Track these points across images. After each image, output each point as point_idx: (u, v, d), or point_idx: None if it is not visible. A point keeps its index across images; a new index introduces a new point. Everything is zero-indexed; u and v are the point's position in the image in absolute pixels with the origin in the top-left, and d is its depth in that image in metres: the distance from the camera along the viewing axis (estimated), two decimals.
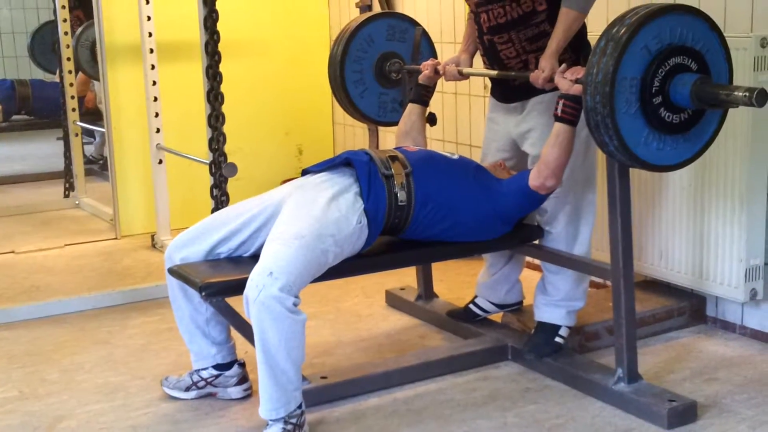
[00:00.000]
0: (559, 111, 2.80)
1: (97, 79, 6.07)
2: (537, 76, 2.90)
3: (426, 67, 3.34)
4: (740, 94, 2.48)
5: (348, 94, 3.57)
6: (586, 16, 2.92)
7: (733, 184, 3.18)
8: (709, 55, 2.60)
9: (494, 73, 3.11)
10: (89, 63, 6.08)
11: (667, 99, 2.56)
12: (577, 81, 2.73)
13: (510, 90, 3.11)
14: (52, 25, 7.27)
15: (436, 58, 3.55)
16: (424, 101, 3.37)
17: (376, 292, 3.96)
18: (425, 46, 3.64)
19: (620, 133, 2.53)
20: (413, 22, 3.67)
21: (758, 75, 3.07)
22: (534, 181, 2.88)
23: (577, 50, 2.99)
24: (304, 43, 5.37)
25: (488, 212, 2.94)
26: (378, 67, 3.60)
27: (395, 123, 3.59)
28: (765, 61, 3.08)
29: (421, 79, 3.35)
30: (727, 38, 3.11)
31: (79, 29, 6.15)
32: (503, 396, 2.95)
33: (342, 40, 3.55)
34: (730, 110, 3.13)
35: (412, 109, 3.35)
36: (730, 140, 3.15)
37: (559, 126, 2.82)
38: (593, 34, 2.94)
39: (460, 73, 3.27)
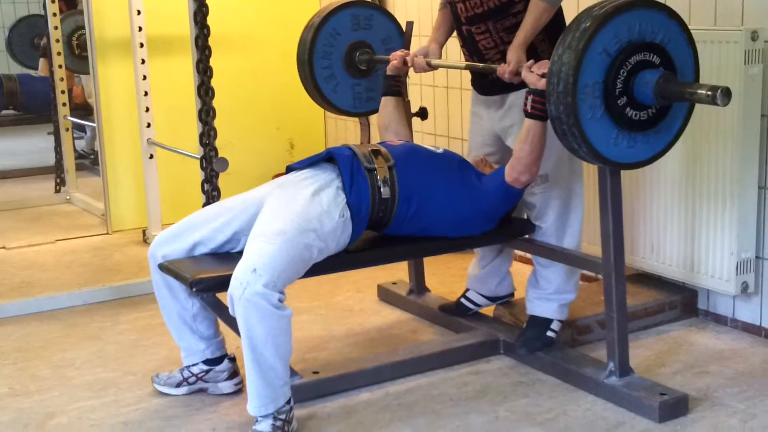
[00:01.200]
0: (528, 107, 2.78)
1: (77, 72, 6.03)
2: (504, 70, 2.89)
3: (394, 58, 3.31)
4: (704, 92, 2.46)
5: (321, 91, 3.53)
6: (555, 9, 2.90)
7: (724, 178, 3.18)
8: (671, 45, 2.58)
9: (462, 65, 3.10)
10: (68, 56, 5.98)
11: (632, 98, 2.54)
12: (544, 75, 2.69)
13: (489, 82, 3.10)
14: (28, 20, 7.21)
15: (408, 49, 3.52)
16: (395, 92, 3.34)
17: (368, 287, 3.96)
18: (398, 38, 3.60)
19: (588, 140, 2.52)
20: (377, 8, 3.64)
21: (749, 68, 3.07)
22: (509, 176, 2.88)
23: (554, 40, 2.97)
24: (294, 36, 5.27)
25: (471, 208, 2.94)
26: (347, 59, 3.55)
27: (372, 112, 3.58)
28: (755, 54, 3.07)
29: (389, 70, 3.33)
30: (717, 31, 3.14)
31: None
32: (495, 390, 2.95)
33: (307, 39, 3.49)
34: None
35: (386, 102, 3.34)
36: (720, 134, 3.16)
37: (529, 122, 2.80)
38: None
39: (429, 64, 3.24)
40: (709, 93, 2.44)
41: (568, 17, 2.86)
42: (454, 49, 3.56)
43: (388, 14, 3.65)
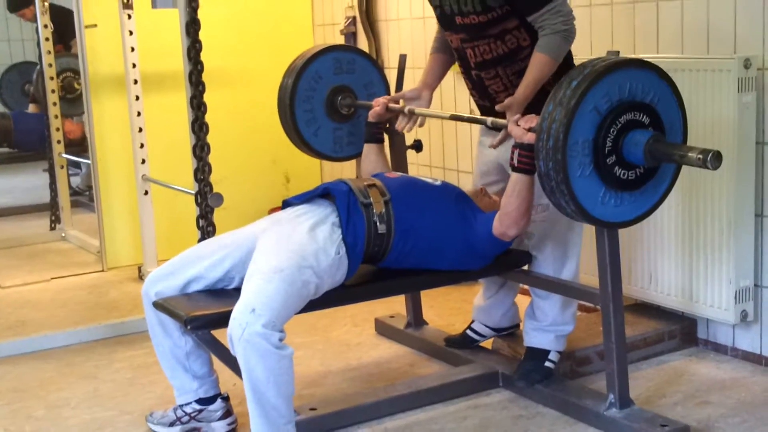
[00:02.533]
0: (514, 161, 2.75)
1: (63, 114, 6.01)
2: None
3: (377, 104, 3.29)
4: (694, 155, 2.45)
5: (301, 135, 3.49)
6: (558, 63, 2.86)
7: (720, 206, 3.18)
8: (661, 105, 2.58)
9: (447, 115, 3.09)
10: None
11: (621, 158, 2.54)
12: (530, 129, 2.65)
13: (495, 114, 3.09)
14: (19, 67, 7.26)
15: (389, 94, 3.52)
16: (377, 139, 3.33)
17: (365, 321, 3.93)
18: (380, 82, 3.59)
19: (576, 198, 2.51)
20: (359, 52, 3.64)
21: (742, 96, 3.08)
22: (496, 230, 2.85)
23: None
24: None
25: (465, 246, 2.92)
26: (329, 103, 3.51)
27: (353, 157, 3.56)
28: (748, 82, 3.08)
29: (371, 116, 3.30)
30: (710, 60, 3.15)
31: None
32: (495, 424, 2.92)
33: (288, 82, 3.46)
34: (716, 129, 3.14)
35: (368, 150, 3.31)
36: None
37: (516, 176, 2.77)
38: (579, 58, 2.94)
39: (412, 112, 3.21)
40: (700, 156, 2.43)
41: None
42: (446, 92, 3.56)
43: (371, 59, 3.64)
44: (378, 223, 2.80)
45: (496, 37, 2.92)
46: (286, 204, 2.95)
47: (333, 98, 3.52)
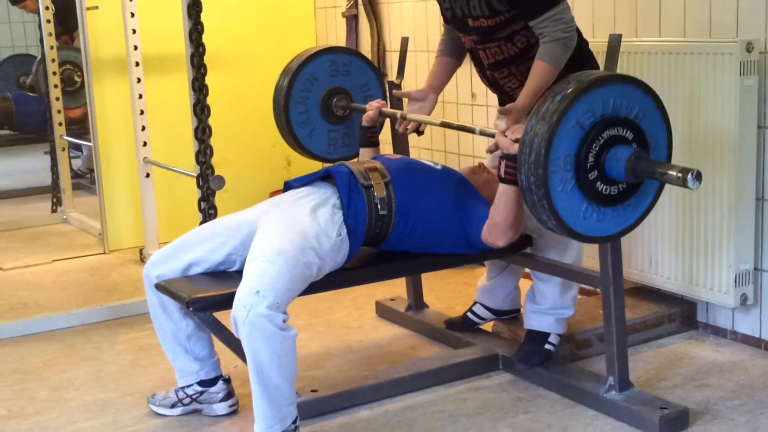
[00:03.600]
0: (502, 172, 2.74)
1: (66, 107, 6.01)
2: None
3: (370, 108, 3.29)
4: (674, 173, 2.42)
5: (296, 136, 3.50)
6: (558, 70, 2.84)
7: (721, 190, 3.18)
8: (645, 120, 2.55)
9: (438, 122, 3.09)
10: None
11: (603, 173, 2.51)
12: (516, 141, 2.63)
13: (510, 98, 3.09)
14: (13, 59, 7.25)
15: (385, 95, 3.52)
16: (372, 143, 3.34)
17: (366, 303, 3.94)
18: (376, 84, 3.59)
19: (558, 213, 2.48)
20: (355, 54, 3.64)
21: (744, 80, 3.08)
22: (485, 240, 2.85)
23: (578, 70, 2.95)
24: (290, 53, 5.29)
25: (462, 233, 2.91)
26: (324, 105, 3.51)
27: (348, 158, 3.54)
28: (750, 65, 3.08)
29: (365, 121, 3.30)
30: (712, 43, 3.15)
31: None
32: (495, 406, 2.94)
33: (284, 84, 3.46)
34: (718, 112, 3.15)
35: (364, 154, 3.33)
36: (717, 146, 3.15)
37: (503, 187, 2.76)
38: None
39: (403, 117, 3.21)
40: (680, 175, 2.41)
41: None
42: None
43: (367, 61, 3.64)
44: (379, 204, 2.81)
45: (505, 39, 2.93)
46: (288, 186, 2.95)
47: (328, 100, 3.52)
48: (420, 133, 3.49)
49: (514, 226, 2.80)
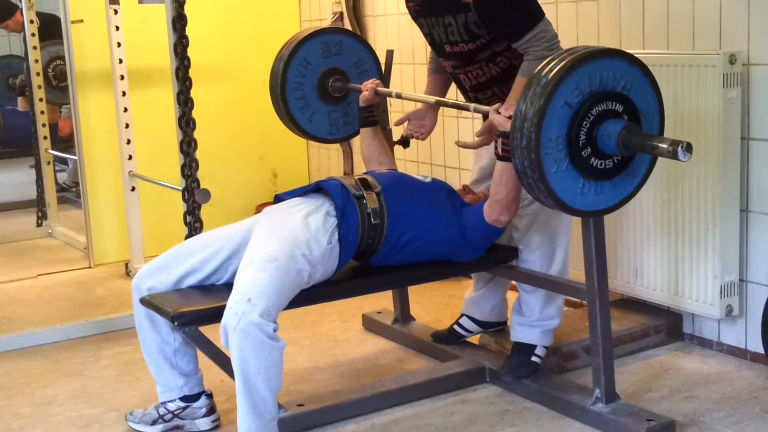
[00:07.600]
0: (498, 149, 2.76)
1: (56, 103, 6.00)
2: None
3: (365, 88, 3.30)
4: (665, 146, 2.45)
5: (297, 122, 3.50)
6: None
7: (706, 201, 3.19)
8: (634, 91, 2.57)
9: (433, 100, 3.09)
10: (46, 87, 5.81)
11: (596, 149, 2.53)
12: (511, 117, 2.64)
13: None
14: (0, 61, 7.20)
15: (379, 79, 3.52)
16: (371, 123, 3.34)
17: (353, 316, 3.93)
18: (370, 59, 3.58)
19: (555, 193, 2.51)
20: (345, 32, 3.63)
21: (727, 91, 3.09)
22: (488, 217, 2.89)
23: None
24: None
25: (458, 239, 2.94)
26: (321, 87, 3.50)
27: (351, 136, 3.58)
28: (733, 77, 3.09)
29: (361, 101, 3.31)
30: (695, 55, 3.16)
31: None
32: (482, 419, 2.93)
33: (278, 70, 3.45)
34: (701, 124, 3.16)
35: (364, 134, 3.34)
36: (701, 157, 3.16)
37: (501, 164, 2.79)
38: None
39: (398, 96, 3.22)
40: (670, 148, 2.43)
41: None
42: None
43: (358, 37, 3.64)
44: (371, 214, 2.82)
45: (487, 60, 2.94)
46: (278, 199, 2.95)
47: (324, 82, 3.51)
48: (406, 145, 3.50)
49: (515, 200, 2.86)
